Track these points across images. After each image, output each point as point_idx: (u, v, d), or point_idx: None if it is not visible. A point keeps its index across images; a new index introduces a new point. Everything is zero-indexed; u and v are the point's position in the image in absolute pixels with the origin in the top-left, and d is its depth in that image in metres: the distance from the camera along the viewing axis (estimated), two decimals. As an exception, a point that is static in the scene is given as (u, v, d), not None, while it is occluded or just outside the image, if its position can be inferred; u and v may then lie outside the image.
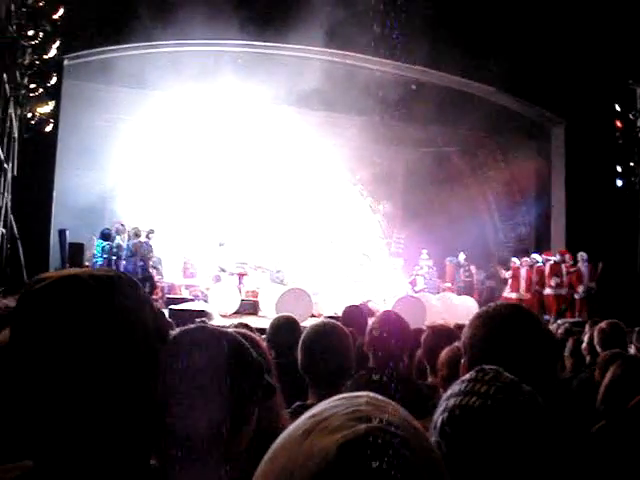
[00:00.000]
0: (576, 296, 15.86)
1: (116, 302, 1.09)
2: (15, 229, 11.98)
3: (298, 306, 12.98)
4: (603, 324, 5.25)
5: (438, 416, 1.28)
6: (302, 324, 4.32)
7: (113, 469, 1.07)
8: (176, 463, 1.36)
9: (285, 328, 4.22)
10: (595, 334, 5.19)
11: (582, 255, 15.85)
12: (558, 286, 15.96)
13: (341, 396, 0.79)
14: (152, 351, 1.14)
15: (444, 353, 3.30)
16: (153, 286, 15.11)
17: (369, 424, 0.70)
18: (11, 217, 11.90)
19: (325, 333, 2.98)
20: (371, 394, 0.79)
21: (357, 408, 0.74)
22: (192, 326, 1.62)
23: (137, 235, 15.17)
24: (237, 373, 1.50)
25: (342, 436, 0.69)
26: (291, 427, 0.76)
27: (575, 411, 3.46)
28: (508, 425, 1.22)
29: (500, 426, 1.22)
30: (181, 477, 1.36)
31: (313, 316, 12.75)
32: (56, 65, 12.83)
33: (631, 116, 16.21)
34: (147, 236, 15.50)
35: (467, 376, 1.32)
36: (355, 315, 5.55)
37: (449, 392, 1.31)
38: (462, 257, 18.76)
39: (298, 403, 2.61)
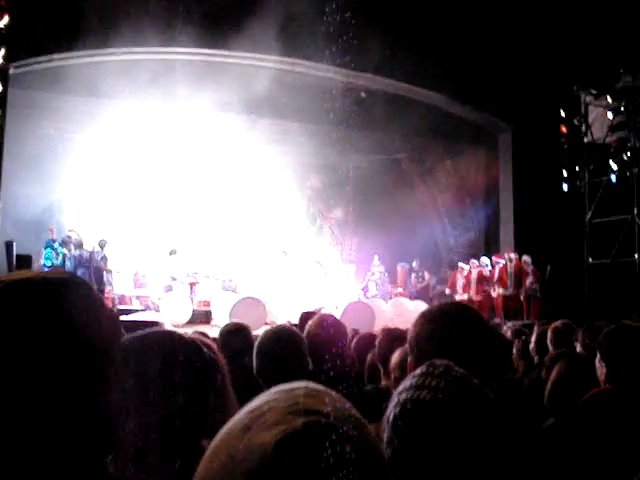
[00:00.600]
0: (521, 297, 16.05)
1: (70, 304, 1.08)
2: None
3: (252, 314, 12.92)
4: (558, 323, 5.31)
5: (390, 411, 1.28)
6: (256, 332, 4.31)
7: (64, 474, 1.06)
8: (131, 467, 1.36)
9: (236, 334, 4.21)
10: (549, 333, 5.25)
11: (526, 259, 16.06)
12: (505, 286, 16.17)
13: (279, 388, 0.78)
14: (107, 352, 1.13)
15: (396, 355, 3.33)
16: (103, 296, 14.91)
17: (307, 418, 0.70)
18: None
19: (280, 338, 3.01)
20: (310, 384, 0.78)
21: (295, 401, 0.73)
22: (147, 330, 1.62)
23: (80, 246, 14.96)
24: (191, 373, 1.50)
25: (279, 431, 0.68)
26: (231, 423, 0.76)
27: (525, 409, 3.52)
28: (458, 418, 1.23)
29: (451, 419, 1.23)
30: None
31: (266, 324, 12.69)
32: (1, 73, 12.61)
33: (576, 121, 16.56)
34: (100, 246, 15.32)
35: (418, 370, 1.33)
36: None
37: (401, 387, 1.32)
38: (415, 263, 18.88)
39: None
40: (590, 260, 16.60)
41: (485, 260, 17.09)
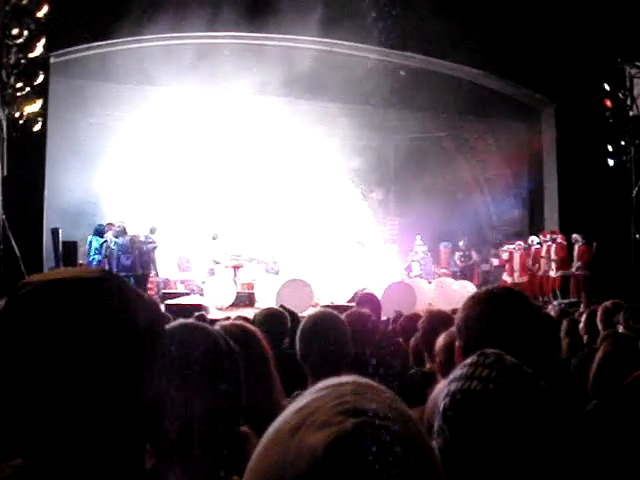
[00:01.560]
0: (573, 269, 15.89)
1: (104, 302, 1.08)
2: (8, 229, 11.92)
3: (298, 296, 12.98)
4: (608, 303, 5.23)
5: (440, 401, 1.27)
6: (303, 314, 4.32)
7: (105, 469, 1.06)
8: (170, 461, 1.37)
9: (276, 319, 4.22)
10: (599, 313, 5.17)
11: (576, 237, 15.89)
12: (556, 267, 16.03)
13: (326, 383, 0.78)
14: (145, 348, 1.13)
15: (441, 338, 3.29)
16: (145, 283, 15.11)
17: (356, 419, 0.69)
18: (3, 217, 11.85)
19: (323, 322, 3.02)
20: (357, 379, 0.77)
21: (343, 399, 0.72)
22: (176, 323, 1.65)
23: (124, 232, 15.13)
24: (218, 367, 1.52)
25: (329, 433, 0.67)
26: (279, 421, 0.75)
27: (573, 391, 3.47)
28: (510, 409, 1.21)
29: (502, 410, 1.21)
30: (176, 476, 1.37)
31: (312, 306, 12.75)
32: (42, 63, 12.76)
33: (620, 95, 16.21)
34: (151, 232, 15.53)
35: (469, 360, 1.31)
36: (370, 300, 5.59)
37: (451, 377, 1.30)
38: (462, 242, 18.77)
39: (298, 392, 2.60)
40: (637, 236, 16.29)
41: (534, 238, 16.94)
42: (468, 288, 14.75)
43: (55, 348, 1.02)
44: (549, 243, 16.32)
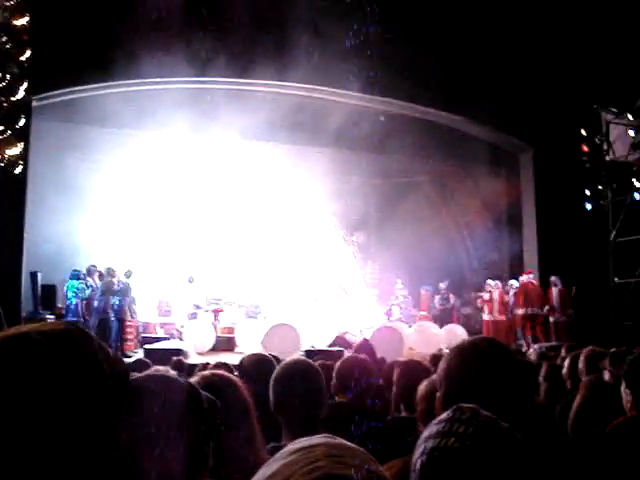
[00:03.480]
0: (551, 319, 15.95)
1: (68, 358, 1.07)
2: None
3: (285, 341, 12.87)
4: (590, 348, 5.22)
5: (417, 458, 1.25)
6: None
7: None
8: None
9: (259, 367, 4.16)
10: (582, 358, 5.17)
11: (555, 279, 15.98)
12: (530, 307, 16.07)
13: (297, 446, 0.75)
14: (109, 400, 1.12)
15: (422, 386, 3.28)
16: (123, 327, 14.96)
17: None
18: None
19: (296, 372, 2.92)
20: (329, 440, 0.76)
21: (315, 465, 0.70)
22: (144, 374, 1.65)
23: (110, 274, 15.02)
24: (190, 417, 1.52)
25: None
26: None
27: (556, 437, 3.46)
28: (488, 466, 1.21)
29: (480, 467, 1.20)
30: None
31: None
32: (24, 106, 12.79)
33: (597, 140, 16.47)
34: (126, 276, 15.41)
35: (444, 416, 1.30)
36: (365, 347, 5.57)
37: (426, 433, 1.29)
38: (443, 285, 18.74)
39: (272, 444, 2.52)
40: (616, 280, 16.42)
41: (514, 282, 16.99)
42: (457, 332, 14.72)
43: (19, 403, 1.01)
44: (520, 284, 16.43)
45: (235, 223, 19.11)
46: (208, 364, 5.82)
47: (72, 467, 1.03)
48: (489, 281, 17.55)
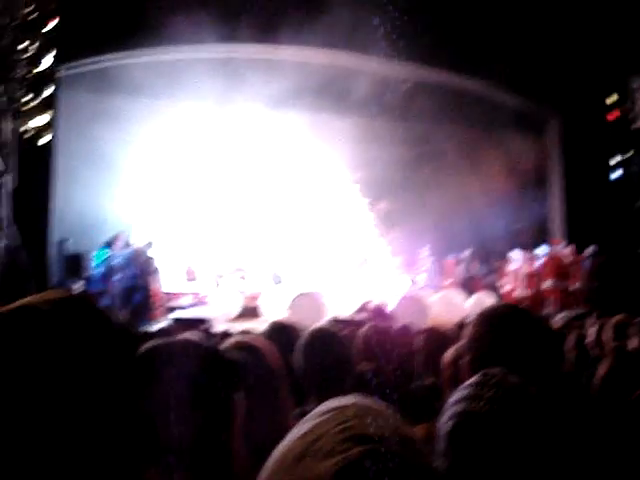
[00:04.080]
0: (573, 287, 15.81)
1: (72, 324, 1.09)
2: (20, 241, 11.96)
3: (312, 310, 12.90)
4: (618, 317, 5.18)
5: (444, 423, 1.26)
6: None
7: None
8: (170, 473, 1.39)
9: (284, 334, 4.17)
10: (608, 327, 5.13)
11: (591, 249, 15.80)
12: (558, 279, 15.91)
13: (328, 406, 0.77)
14: (116, 370, 1.13)
15: (448, 353, 3.30)
16: (147, 296, 15.09)
17: (362, 446, 0.69)
18: (14, 228, 11.90)
19: (322, 339, 2.96)
20: (359, 401, 0.77)
21: (347, 424, 0.72)
22: (162, 340, 1.67)
23: (128, 245, 15.12)
24: (209, 380, 1.53)
25: (336, 462, 0.67)
26: (283, 447, 0.75)
27: (585, 405, 3.46)
28: (516, 429, 1.21)
29: (508, 431, 1.21)
30: None
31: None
32: (51, 76, 12.84)
33: (626, 106, 16.24)
34: (147, 247, 15.52)
35: (472, 380, 1.30)
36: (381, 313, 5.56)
37: (455, 397, 1.29)
38: (466, 253, 18.63)
39: (298, 410, 2.54)
40: (645, 248, 16.26)
41: (541, 251, 16.80)
42: (486, 301, 14.61)
43: (29, 375, 1.02)
44: (549, 254, 16.25)
45: (260, 192, 19.14)
46: (228, 332, 5.86)
47: (85, 436, 1.04)
48: (513, 253, 17.40)
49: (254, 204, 19.08)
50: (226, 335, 5.21)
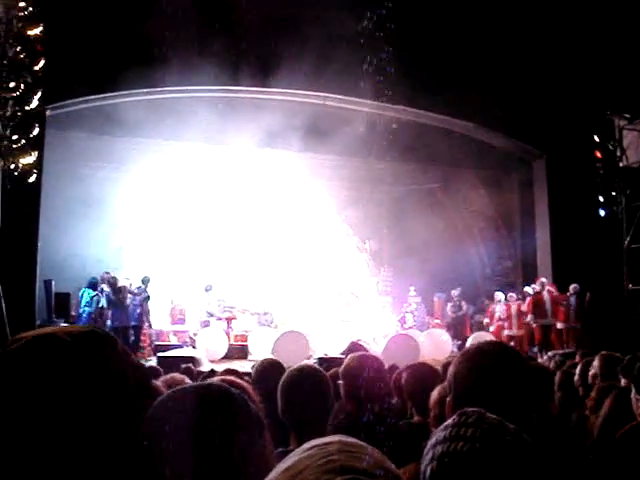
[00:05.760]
0: (559, 326, 15.82)
1: (93, 358, 1.09)
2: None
3: (294, 349, 12.90)
4: (603, 354, 5.14)
5: (426, 465, 1.24)
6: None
7: None
8: None
9: (270, 372, 4.15)
10: (595, 365, 5.09)
11: (574, 287, 15.83)
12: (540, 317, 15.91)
13: (312, 443, 0.77)
14: (133, 405, 1.13)
15: (435, 392, 3.29)
16: (139, 334, 15.12)
17: (344, 476, 0.69)
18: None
19: (303, 378, 2.93)
20: (342, 438, 0.77)
21: (330, 458, 0.72)
22: (179, 388, 1.62)
23: (112, 284, 15.07)
24: (235, 429, 1.48)
25: None
26: None
27: (573, 446, 3.43)
28: (499, 466, 1.20)
29: (491, 468, 1.20)
30: None
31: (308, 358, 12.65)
32: (38, 115, 12.87)
33: (610, 146, 16.40)
34: (143, 283, 15.52)
35: (450, 421, 1.30)
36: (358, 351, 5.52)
37: (434, 439, 1.28)
38: (455, 292, 18.61)
39: (280, 449, 2.53)
40: (630, 286, 16.32)
41: (528, 290, 16.81)
42: (485, 338, 14.53)
43: (44, 403, 1.02)
44: (534, 293, 16.27)
45: (249, 231, 19.17)
46: (214, 371, 5.83)
47: (91, 464, 1.04)
48: (498, 293, 17.43)
49: (243, 244, 19.08)
50: (212, 374, 5.18)
